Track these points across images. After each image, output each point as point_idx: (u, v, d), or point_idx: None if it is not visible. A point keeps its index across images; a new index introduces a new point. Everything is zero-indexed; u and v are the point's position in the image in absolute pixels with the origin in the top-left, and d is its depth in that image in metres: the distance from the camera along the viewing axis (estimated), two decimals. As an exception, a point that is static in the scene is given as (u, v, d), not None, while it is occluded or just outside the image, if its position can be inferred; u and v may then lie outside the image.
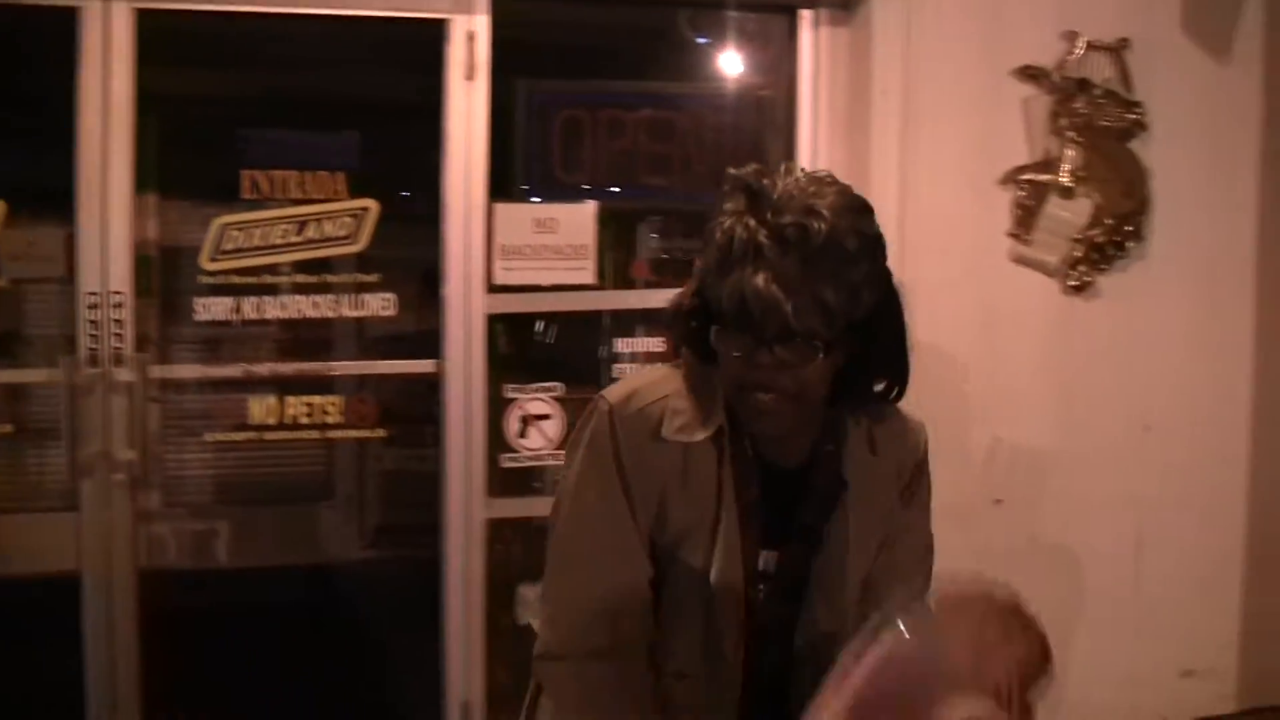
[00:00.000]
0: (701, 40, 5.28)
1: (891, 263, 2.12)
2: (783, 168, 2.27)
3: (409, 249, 5.04)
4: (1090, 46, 5.11)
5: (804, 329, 2.17)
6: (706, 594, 2.33)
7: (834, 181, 2.25)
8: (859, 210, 2.23)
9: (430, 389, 4.90)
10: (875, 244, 2.24)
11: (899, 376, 2.40)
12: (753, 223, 2.17)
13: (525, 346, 5.26)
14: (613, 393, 2.39)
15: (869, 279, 2.21)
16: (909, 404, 2.51)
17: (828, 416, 2.40)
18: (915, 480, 2.53)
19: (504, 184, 4.97)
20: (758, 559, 2.39)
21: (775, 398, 2.23)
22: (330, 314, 4.88)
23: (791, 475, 2.41)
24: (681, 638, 2.38)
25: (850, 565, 2.42)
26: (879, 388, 2.41)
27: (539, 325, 5.24)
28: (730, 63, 5.32)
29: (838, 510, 2.40)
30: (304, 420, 4.90)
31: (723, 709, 2.40)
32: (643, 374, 2.48)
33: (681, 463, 2.32)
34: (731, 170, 2.26)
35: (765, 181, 2.22)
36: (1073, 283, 5.15)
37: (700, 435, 2.32)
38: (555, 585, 2.41)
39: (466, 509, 4.89)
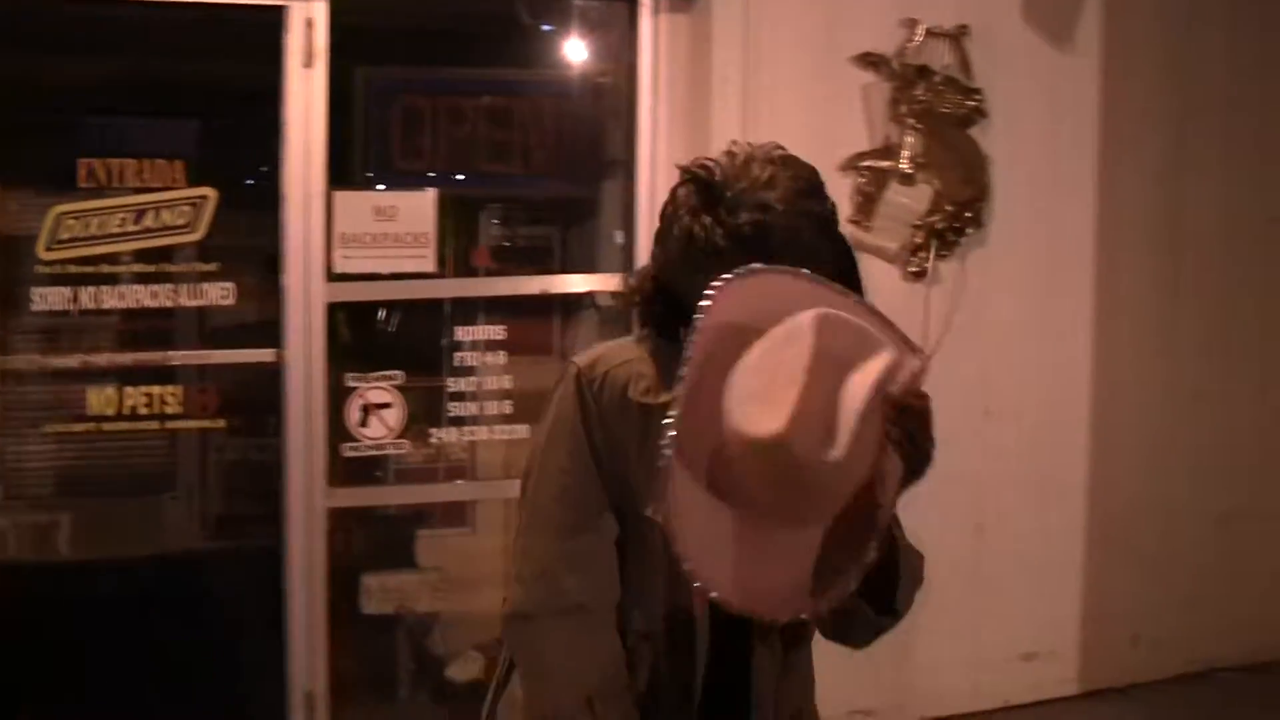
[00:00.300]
0: (546, 28, 5.26)
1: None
2: (731, 146, 2.31)
3: (249, 237, 5.01)
4: (930, 34, 5.21)
5: None
6: (668, 553, 2.29)
7: (783, 161, 2.29)
8: (810, 192, 2.28)
9: (273, 378, 4.87)
10: (829, 222, 2.29)
11: None
12: (709, 221, 2.22)
13: (367, 335, 5.23)
14: (581, 358, 2.42)
15: (825, 257, 2.25)
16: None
17: None
18: None
19: (344, 172, 4.96)
20: None
21: None
22: (169, 303, 4.83)
23: None
24: (645, 598, 2.40)
25: None
26: None
27: (381, 313, 5.16)
28: (571, 50, 5.35)
29: None
30: (143, 411, 4.87)
31: (687, 670, 2.41)
32: (610, 342, 2.52)
33: (645, 425, 2.32)
34: (679, 164, 2.32)
35: (716, 172, 2.26)
36: (913, 269, 5.21)
37: (664, 398, 2.30)
38: (524, 543, 2.42)
39: (307, 499, 4.88)
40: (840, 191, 5.00)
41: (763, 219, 2.19)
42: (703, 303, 2.07)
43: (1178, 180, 5.85)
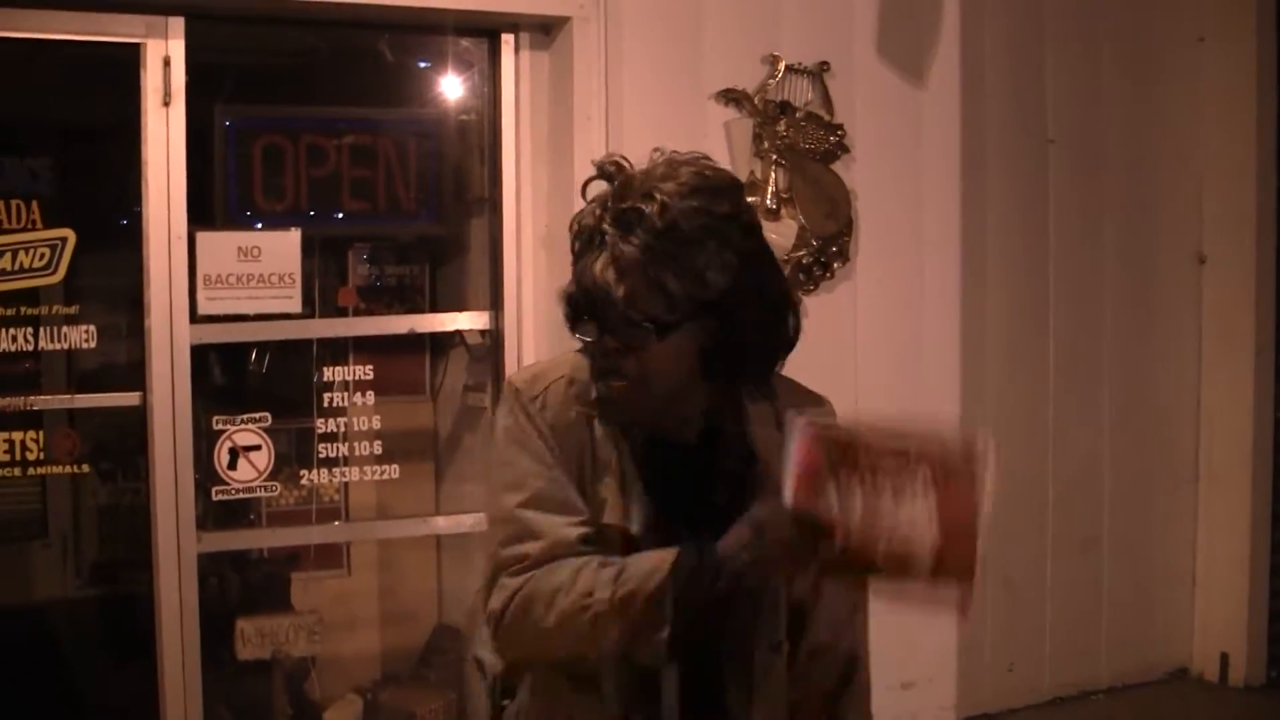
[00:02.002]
0: (409, 65, 5.10)
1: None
2: (654, 150, 2.30)
3: (110, 278, 4.86)
4: (790, 70, 5.19)
5: (639, 314, 2.15)
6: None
7: (695, 162, 2.24)
8: (712, 190, 2.20)
9: (142, 421, 4.65)
10: (722, 223, 2.19)
11: (770, 348, 2.33)
12: (599, 210, 2.19)
13: (234, 377, 5.17)
14: (519, 377, 2.41)
15: (715, 260, 2.17)
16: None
17: (715, 393, 2.35)
18: None
19: (206, 211, 4.84)
20: (665, 534, 2.30)
21: (622, 383, 2.23)
22: (28, 347, 4.58)
23: (693, 453, 2.37)
24: None
25: None
26: (760, 359, 2.36)
27: (253, 355, 4.97)
28: (435, 87, 5.32)
29: (749, 488, 2.31)
30: (3, 457, 4.58)
31: (654, 685, 2.31)
32: (542, 361, 2.53)
33: (587, 435, 2.31)
34: (593, 160, 2.30)
35: (622, 166, 2.25)
36: (780, 303, 4.96)
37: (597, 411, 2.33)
38: (502, 554, 2.29)
39: (177, 544, 4.66)
40: (706, 227, 4.83)
41: (642, 206, 2.14)
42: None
43: (1041, 210, 5.87)
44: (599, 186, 2.25)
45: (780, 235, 5.05)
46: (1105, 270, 6.01)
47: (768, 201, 5.04)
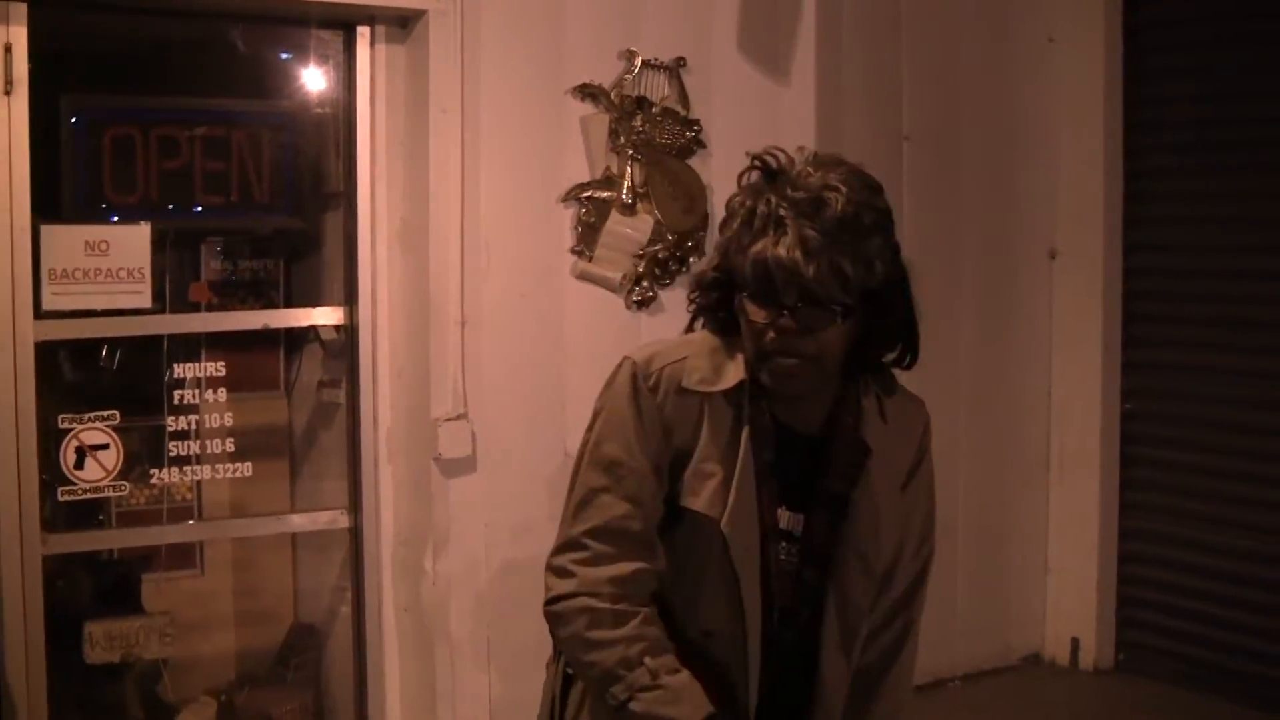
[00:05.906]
0: (262, 58, 5.00)
1: (448, 281, 1.88)
2: (797, 149, 2.40)
3: None
4: (648, 65, 5.14)
5: (823, 294, 2.26)
6: (723, 546, 2.39)
7: (844, 162, 2.38)
8: (871, 187, 2.35)
9: None
10: (886, 219, 2.37)
11: (910, 344, 2.52)
12: (773, 199, 2.28)
13: (81, 374, 4.95)
14: (638, 354, 2.50)
15: (881, 251, 2.33)
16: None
17: (843, 387, 2.50)
18: (921, 458, 2.64)
19: (51, 204, 4.63)
20: (776, 517, 2.46)
21: (796, 361, 2.32)
22: None
23: (811, 443, 2.49)
24: (706, 593, 2.44)
25: (884, 529, 2.51)
26: (891, 356, 2.52)
27: (103, 351, 4.78)
28: (290, 79, 5.17)
29: (863, 477, 2.48)
30: None
31: (749, 667, 2.44)
32: (663, 340, 2.60)
33: (701, 416, 2.41)
34: (749, 151, 2.40)
35: (783, 161, 2.35)
36: (636, 298, 5.10)
37: (718, 388, 2.41)
38: (571, 533, 2.45)
39: (20, 546, 4.50)
40: (562, 222, 4.84)
41: (825, 196, 2.25)
42: None
43: (896, 205, 5.62)
44: (753, 177, 2.36)
45: (636, 230, 5.03)
46: (961, 265, 6.05)
47: (624, 196, 5.00)
